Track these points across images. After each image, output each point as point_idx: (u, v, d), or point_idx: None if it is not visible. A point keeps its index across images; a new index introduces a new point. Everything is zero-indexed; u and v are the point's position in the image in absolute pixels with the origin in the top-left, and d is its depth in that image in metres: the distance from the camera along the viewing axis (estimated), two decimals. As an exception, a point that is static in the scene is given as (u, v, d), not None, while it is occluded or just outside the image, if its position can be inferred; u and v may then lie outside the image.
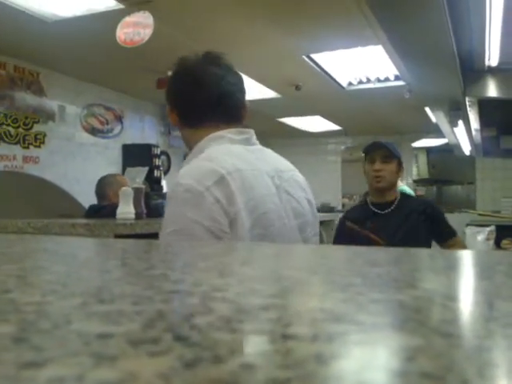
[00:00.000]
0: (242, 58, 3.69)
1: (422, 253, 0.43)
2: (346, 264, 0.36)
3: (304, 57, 3.69)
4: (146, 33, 2.54)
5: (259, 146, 1.16)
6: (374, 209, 2.03)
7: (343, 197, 7.47)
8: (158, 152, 4.84)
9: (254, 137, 1.17)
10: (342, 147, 7.57)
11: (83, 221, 1.68)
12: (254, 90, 4.56)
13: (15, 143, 3.71)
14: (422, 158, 7.14)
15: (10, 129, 3.68)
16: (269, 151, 1.19)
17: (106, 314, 0.17)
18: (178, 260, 0.39)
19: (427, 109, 4.31)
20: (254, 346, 0.14)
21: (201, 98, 1.13)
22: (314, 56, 3.69)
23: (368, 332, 0.15)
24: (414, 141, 6.72)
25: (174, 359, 0.12)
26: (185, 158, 1.16)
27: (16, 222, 1.45)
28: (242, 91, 1.20)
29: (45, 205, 2.97)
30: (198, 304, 0.19)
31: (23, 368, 0.11)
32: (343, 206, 7.14)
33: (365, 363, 0.12)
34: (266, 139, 7.26)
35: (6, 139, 3.64)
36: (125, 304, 0.19)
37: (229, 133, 1.11)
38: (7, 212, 2.31)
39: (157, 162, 4.70)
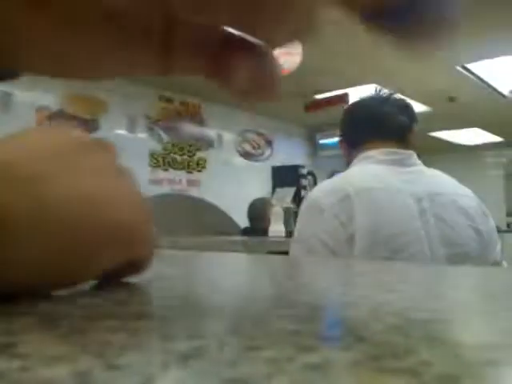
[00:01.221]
0: (392, 73, 3.63)
1: None
2: (504, 285, 0.35)
3: (458, 67, 3.49)
4: (294, 61, 2.66)
5: (418, 168, 1.14)
6: None
7: (508, 215, 6.76)
8: (305, 172, 4.96)
9: (413, 158, 1.16)
10: (504, 160, 6.89)
11: (240, 238, 1.81)
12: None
13: (181, 169, 4.13)
14: None
15: (177, 156, 4.11)
16: (432, 173, 1.16)
17: (291, 316, 0.20)
18: (338, 276, 0.42)
19: None
20: (428, 348, 0.16)
21: (364, 120, 1.21)
22: (470, 66, 3.47)
23: (538, 346, 0.16)
24: None
25: (359, 354, 0.15)
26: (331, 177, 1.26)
27: (185, 240, 1.62)
28: (408, 116, 1.23)
29: (205, 223, 3.25)
30: (368, 314, 0.21)
31: (247, 350, 0.15)
32: (508, 225, 6.46)
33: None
34: (418, 155, 6.95)
35: (173, 166, 4.08)
36: (304, 309, 0.22)
37: (378, 153, 1.12)
38: (174, 229, 2.56)
39: (303, 182, 4.82)
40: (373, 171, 1.08)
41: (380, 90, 1.31)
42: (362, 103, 1.26)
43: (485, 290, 0.30)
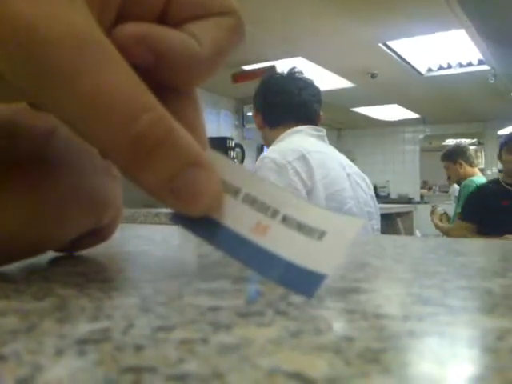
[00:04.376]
0: (317, 48, 3.66)
1: (509, 244, 0.42)
2: (428, 253, 0.36)
3: (380, 44, 3.59)
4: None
5: (330, 145, 1.34)
6: (509, 187, 2.11)
7: (422, 188, 7.21)
8: (233, 144, 4.93)
9: (326, 137, 1.35)
10: (421, 136, 7.28)
11: (167, 210, 1.77)
12: (328, 81, 4.51)
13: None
14: (509, 147, 6.71)
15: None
16: (335, 150, 1.35)
17: (211, 291, 0.19)
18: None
19: (515, 94, 4.04)
20: (350, 322, 0.15)
21: (283, 103, 1.34)
22: (390, 43, 3.58)
23: (457, 314, 0.16)
24: (499, 128, 6.33)
25: (280, 330, 0.14)
26: (260, 150, 1.44)
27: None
28: (319, 103, 1.38)
29: (130, 196, 3.14)
30: (290, 286, 0.21)
31: (156, 331, 0.13)
32: (422, 197, 6.88)
33: (456, 340, 0.13)
34: (340, 130, 7.15)
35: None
36: (225, 283, 0.21)
37: (307, 128, 1.28)
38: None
39: (232, 154, 4.80)
40: (309, 141, 1.24)
41: (295, 70, 1.39)
42: (281, 87, 1.33)
43: (406, 258, 0.31)
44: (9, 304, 0.16)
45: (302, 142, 1.18)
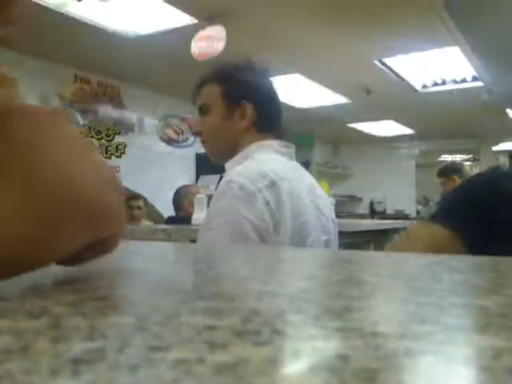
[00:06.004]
0: (313, 64, 3.70)
1: (503, 261, 0.42)
2: (424, 270, 0.36)
3: (376, 61, 3.63)
4: (219, 46, 2.62)
5: (296, 162, 1.19)
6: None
7: (418, 203, 7.22)
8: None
9: (294, 154, 1.19)
10: (416, 151, 7.31)
11: (162, 227, 1.77)
12: (324, 97, 4.54)
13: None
14: (504, 162, 6.75)
15: (94, 140, 3.93)
16: (299, 166, 1.20)
17: (206, 309, 0.19)
18: (259, 263, 0.41)
19: (508, 110, 4.08)
20: (346, 340, 0.15)
21: (279, 106, 1.18)
22: (385, 60, 3.61)
23: (453, 333, 0.16)
24: (494, 144, 6.37)
25: (276, 349, 0.14)
26: None
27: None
28: None
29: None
30: (286, 303, 0.21)
31: (152, 351, 0.13)
32: (418, 212, 6.88)
33: (452, 359, 0.13)
34: (336, 145, 7.18)
35: (90, 150, 3.88)
36: (220, 301, 0.21)
37: (276, 144, 1.12)
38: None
39: (228, 169, 4.79)
40: (281, 161, 1.08)
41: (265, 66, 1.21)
42: (271, 86, 1.18)
43: (402, 275, 0.31)
44: (3, 323, 0.16)
45: (273, 165, 1.03)
